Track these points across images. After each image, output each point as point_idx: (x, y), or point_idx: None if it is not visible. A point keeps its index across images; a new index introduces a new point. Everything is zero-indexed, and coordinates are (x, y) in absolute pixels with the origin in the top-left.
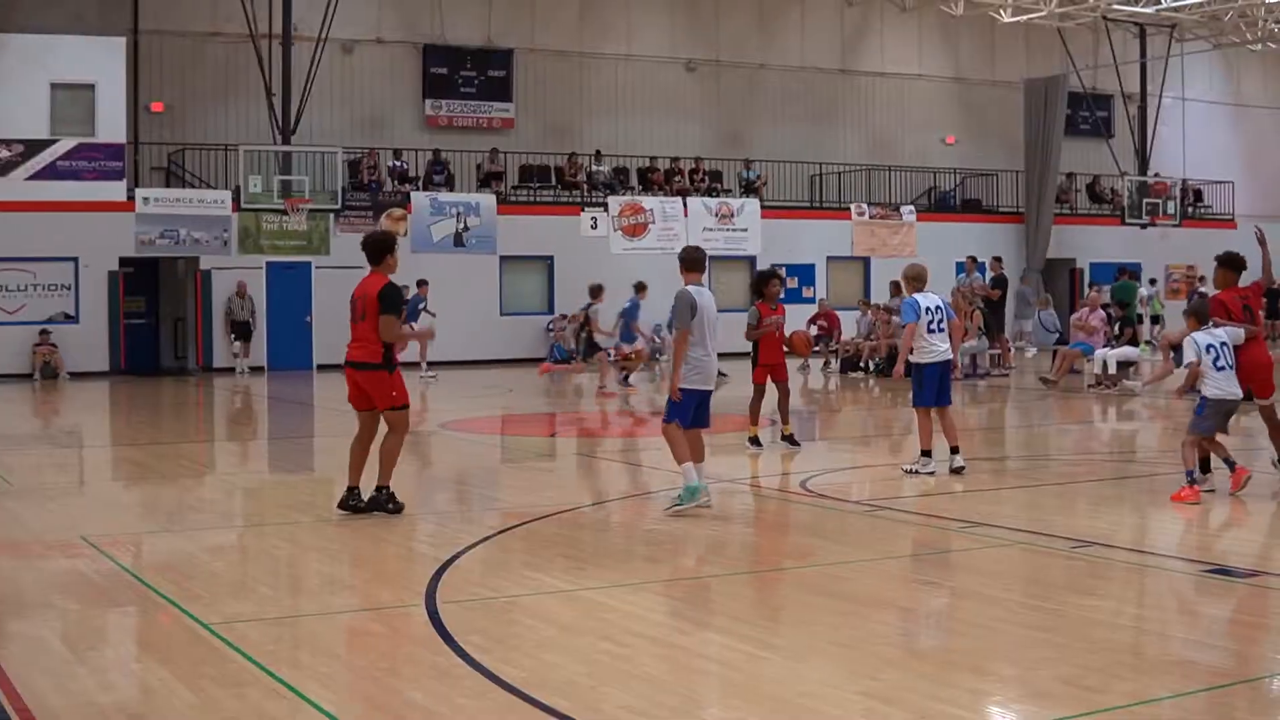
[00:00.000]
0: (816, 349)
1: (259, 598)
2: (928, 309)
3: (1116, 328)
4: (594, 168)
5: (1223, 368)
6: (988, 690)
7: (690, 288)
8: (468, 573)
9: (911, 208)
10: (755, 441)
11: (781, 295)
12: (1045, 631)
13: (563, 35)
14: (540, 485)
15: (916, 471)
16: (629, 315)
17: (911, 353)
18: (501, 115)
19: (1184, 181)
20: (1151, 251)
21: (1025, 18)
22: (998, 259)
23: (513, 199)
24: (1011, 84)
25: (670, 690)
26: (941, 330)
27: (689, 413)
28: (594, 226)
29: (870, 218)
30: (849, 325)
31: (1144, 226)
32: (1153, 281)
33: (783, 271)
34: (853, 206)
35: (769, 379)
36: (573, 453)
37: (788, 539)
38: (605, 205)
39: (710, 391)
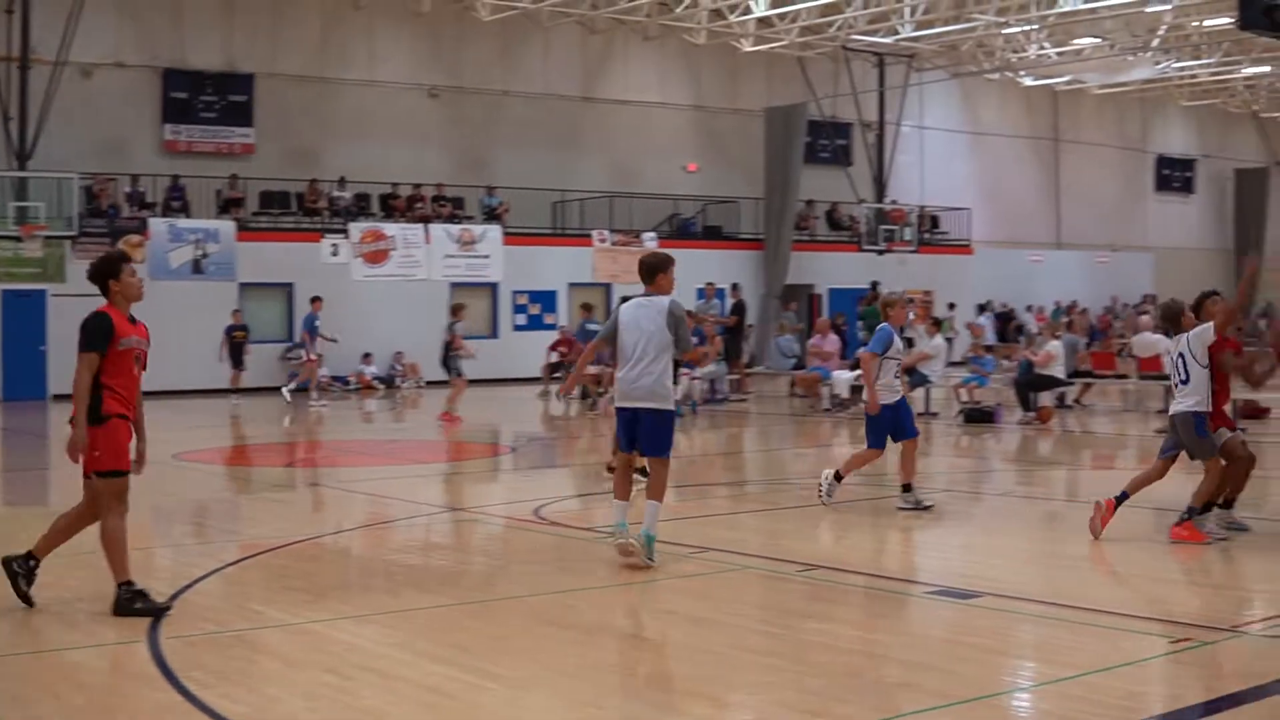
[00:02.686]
0: (556, 375)
1: None
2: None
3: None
4: (335, 194)
5: (1174, 384)
6: (710, 716)
7: (632, 300)
8: (195, 607)
9: (653, 234)
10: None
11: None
12: (771, 656)
13: (304, 60)
14: (276, 516)
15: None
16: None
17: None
18: (242, 140)
19: (921, 208)
20: (889, 277)
21: (767, 47)
22: (735, 285)
23: (253, 225)
24: (753, 112)
25: None
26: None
27: (622, 435)
28: (335, 253)
29: (612, 244)
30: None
31: (881, 253)
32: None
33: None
34: (594, 233)
35: None
36: (311, 483)
37: (520, 568)
38: (346, 232)
39: (629, 410)
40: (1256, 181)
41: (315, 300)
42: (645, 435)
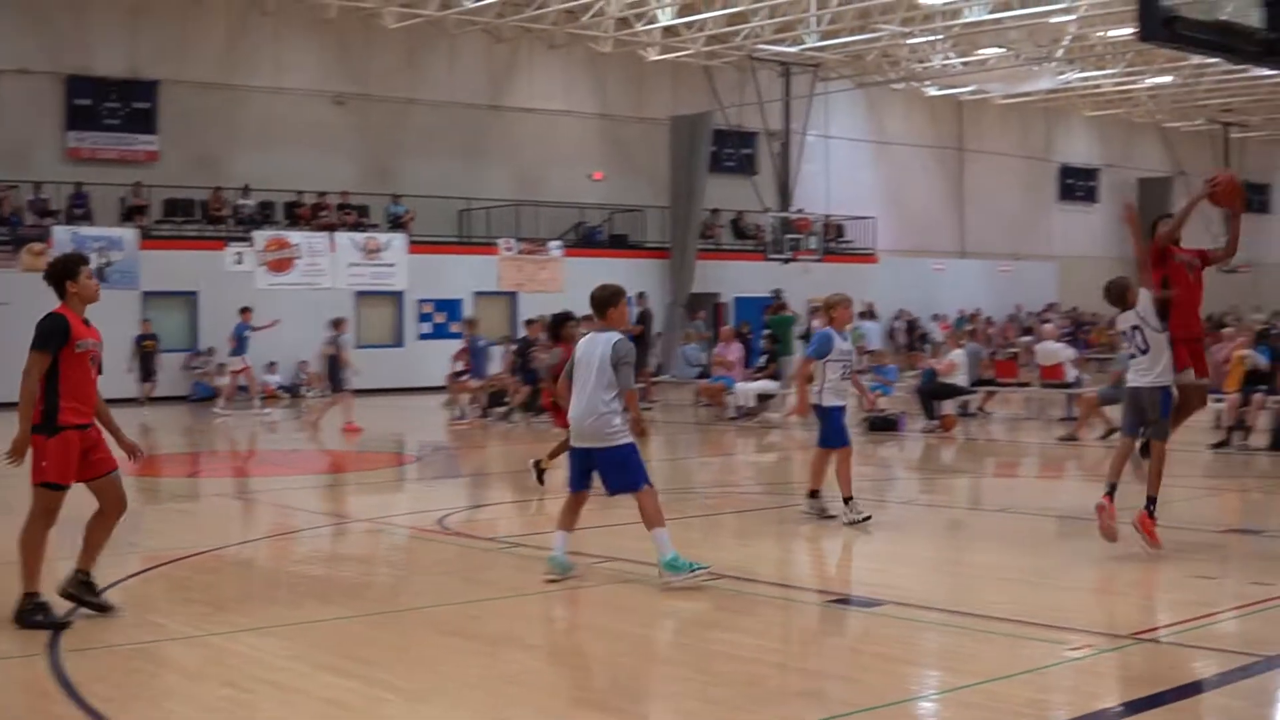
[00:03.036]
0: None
1: None
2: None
3: (764, 360)
4: (240, 202)
5: (1131, 354)
6: None
7: (587, 335)
8: (95, 620)
9: (559, 243)
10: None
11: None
12: (675, 665)
13: (210, 67)
14: (179, 527)
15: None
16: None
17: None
18: (146, 148)
19: (826, 217)
20: (794, 286)
21: (673, 56)
22: (641, 294)
23: (156, 233)
24: (659, 121)
25: None
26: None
27: (572, 472)
28: (239, 262)
29: (518, 253)
30: (495, 361)
31: (786, 261)
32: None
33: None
34: (500, 242)
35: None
36: (215, 493)
37: (423, 578)
38: (250, 240)
39: (581, 450)
40: (1160, 191)
41: (245, 310)
42: (606, 476)
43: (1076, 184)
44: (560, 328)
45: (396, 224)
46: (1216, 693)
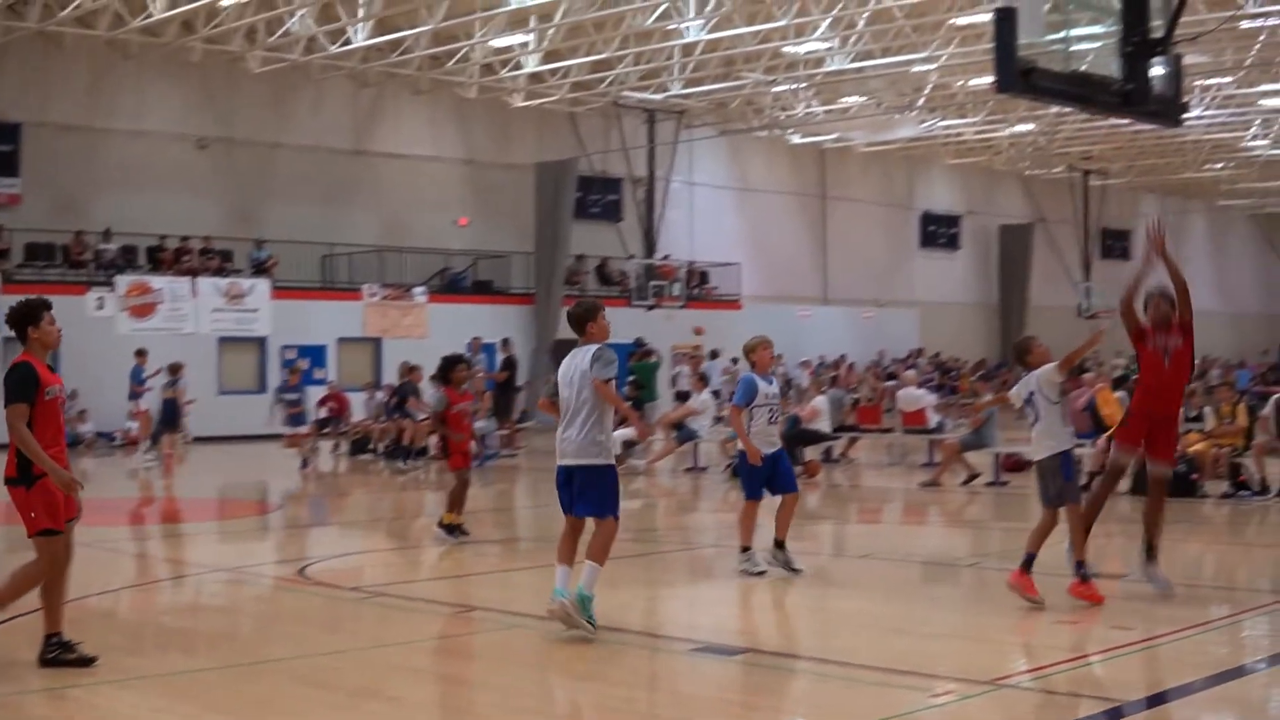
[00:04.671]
0: (325, 430)
1: None
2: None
3: (630, 405)
4: (101, 246)
5: (1032, 422)
6: None
7: (570, 352)
8: None
9: (423, 288)
10: (452, 530)
11: (468, 381)
12: (538, 716)
13: (72, 109)
14: None
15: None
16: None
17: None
18: (7, 191)
19: (690, 264)
20: (658, 332)
21: (538, 102)
22: (506, 341)
23: (17, 278)
24: (524, 167)
25: None
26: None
27: (563, 496)
28: (100, 307)
29: (382, 299)
30: (358, 407)
31: (650, 308)
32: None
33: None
34: (364, 287)
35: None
36: (77, 542)
37: (285, 629)
38: (112, 285)
39: (564, 468)
40: (1020, 237)
41: (140, 354)
42: (580, 494)
43: (938, 231)
44: (450, 371)
45: (260, 269)
46: None
